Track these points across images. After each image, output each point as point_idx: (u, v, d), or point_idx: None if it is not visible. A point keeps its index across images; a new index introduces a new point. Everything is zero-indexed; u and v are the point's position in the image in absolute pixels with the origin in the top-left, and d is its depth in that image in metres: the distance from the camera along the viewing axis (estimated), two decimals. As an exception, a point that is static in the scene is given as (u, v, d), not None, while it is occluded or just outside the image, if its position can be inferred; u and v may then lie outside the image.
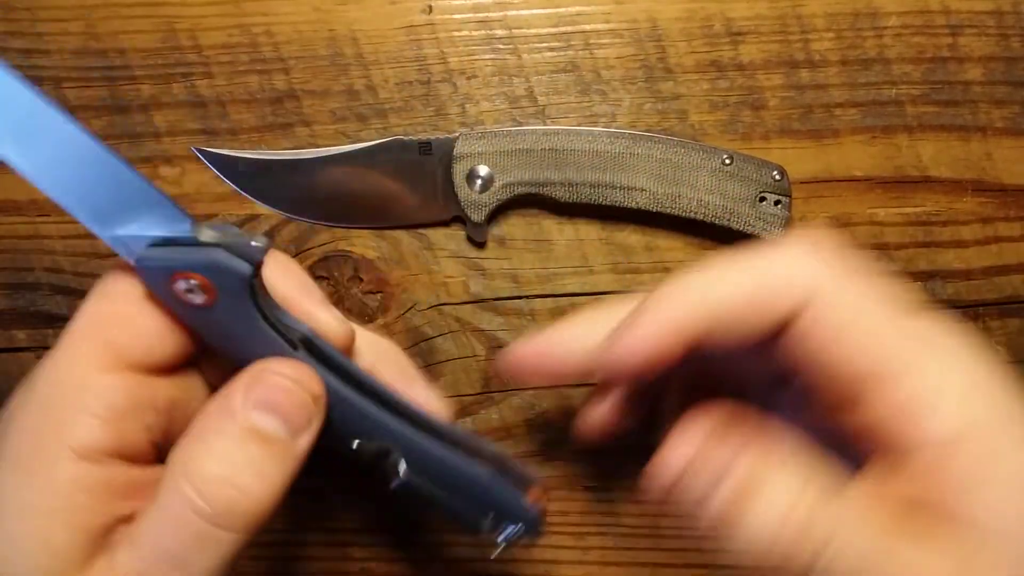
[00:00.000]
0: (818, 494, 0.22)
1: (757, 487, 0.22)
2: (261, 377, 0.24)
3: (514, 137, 0.34)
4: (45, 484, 0.22)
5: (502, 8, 0.35)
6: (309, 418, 0.24)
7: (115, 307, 0.24)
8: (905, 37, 0.35)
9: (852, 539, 0.21)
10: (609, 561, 0.37)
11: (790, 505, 0.21)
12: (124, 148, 0.36)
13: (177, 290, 0.23)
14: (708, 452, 0.23)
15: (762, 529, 0.21)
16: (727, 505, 0.22)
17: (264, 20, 0.35)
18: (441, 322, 0.36)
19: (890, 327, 0.22)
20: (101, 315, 0.24)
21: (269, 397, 0.23)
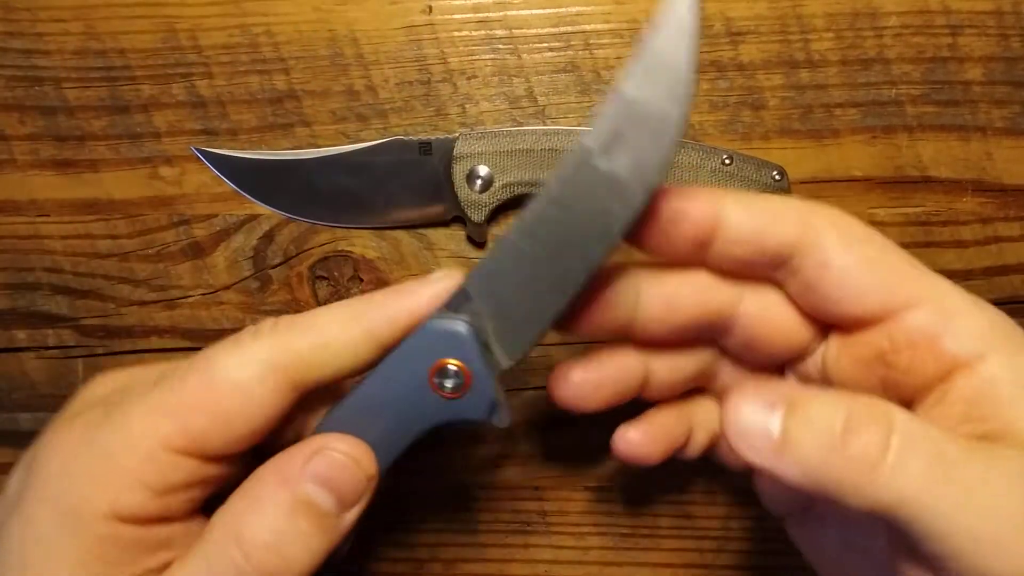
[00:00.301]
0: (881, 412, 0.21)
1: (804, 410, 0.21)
2: (322, 452, 0.24)
3: (514, 137, 0.34)
4: (80, 536, 0.23)
5: (502, 8, 0.35)
6: (359, 496, 0.25)
7: (215, 397, 0.24)
8: (905, 37, 0.35)
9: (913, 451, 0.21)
10: (609, 561, 0.37)
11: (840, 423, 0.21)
12: (124, 148, 0.36)
13: (431, 382, 0.24)
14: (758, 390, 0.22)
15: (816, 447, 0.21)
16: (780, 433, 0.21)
17: (264, 20, 0.35)
18: (441, 322, 0.36)
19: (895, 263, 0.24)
20: (197, 399, 0.24)
21: (327, 473, 0.24)
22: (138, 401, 0.24)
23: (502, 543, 0.37)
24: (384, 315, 0.25)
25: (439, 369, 0.24)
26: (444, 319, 0.24)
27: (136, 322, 0.36)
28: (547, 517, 0.37)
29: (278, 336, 0.24)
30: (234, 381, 0.24)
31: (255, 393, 0.24)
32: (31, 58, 0.36)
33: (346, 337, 0.25)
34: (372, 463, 0.25)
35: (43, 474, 0.24)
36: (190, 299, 0.36)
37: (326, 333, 0.25)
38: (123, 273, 0.36)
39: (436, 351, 0.24)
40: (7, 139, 0.36)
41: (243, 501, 0.24)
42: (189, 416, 0.23)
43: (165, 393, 0.24)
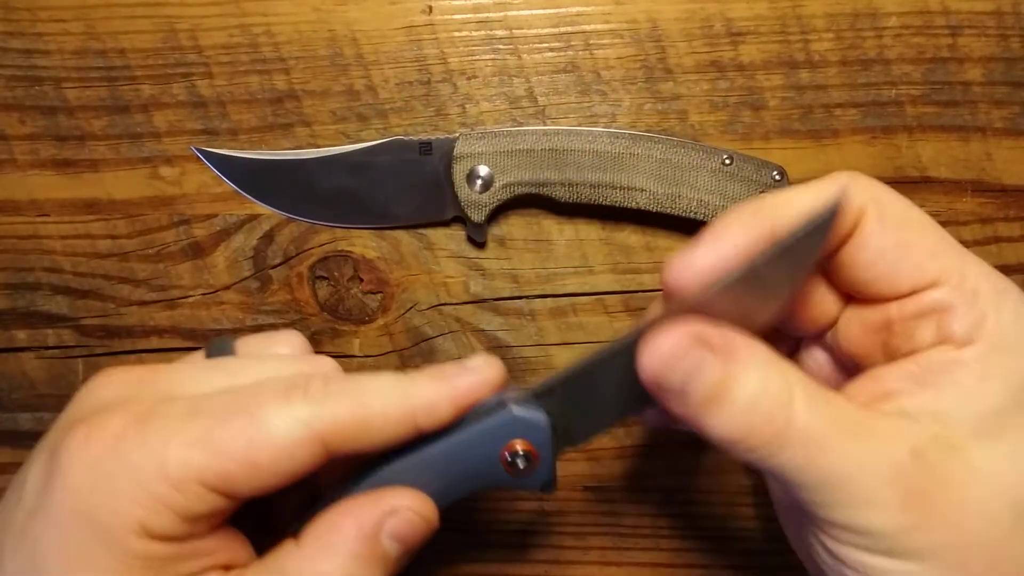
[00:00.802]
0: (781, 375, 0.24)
1: (731, 378, 0.23)
2: (399, 510, 0.26)
3: (514, 137, 0.34)
4: (114, 549, 0.24)
5: (502, 8, 0.35)
6: (419, 546, 0.27)
7: (255, 451, 0.25)
8: (905, 37, 0.35)
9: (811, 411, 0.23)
10: (609, 561, 0.37)
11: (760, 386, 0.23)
12: (124, 148, 0.36)
13: (502, 457, 0.27)
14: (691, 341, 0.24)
15: (736, 412, 0.23)
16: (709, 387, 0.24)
17: (264, 20, 0.35)
18: (441, 322, 0.36)
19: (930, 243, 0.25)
20: (238, 449, 0.24)
21: (403, 530, 0.26)
22: (176, 429, 0.25)
23: (502, 543, 0.37)
24: (427, 401, 0.26)
25: (512, 450, 0.27)
26: (527, 408, 0.27)
27: (136, 322, 0.36)
28: (547, 517, 0.37)
29: (328, 402, 0.25)
30: (275, 439, 0.25)
31: (292, 454, 0.25)
32: (31, 58, 0.36)
33: (388, 416, 0.26)
34: (436, 518, 0.27)
35: (70, 483, 0.24)
36: (190, 299, 0.36)
37: (371, 409, 0.26)
38: (123, 273, 0.36)
39: (514, 434, 0.27)
40: (7, 139, 0.36)
41: (319, 547, 0.25)
42: (225, 460, 0.24)
43: (206, 431, 0.25)
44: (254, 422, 0.25)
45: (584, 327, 0.36)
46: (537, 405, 0.27)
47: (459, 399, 0.26)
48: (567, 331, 0.36)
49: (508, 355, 0.36)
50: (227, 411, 0.25)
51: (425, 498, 0.27)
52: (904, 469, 0.23)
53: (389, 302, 0.36)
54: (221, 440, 0.24)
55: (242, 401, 0.25)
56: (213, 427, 0.25)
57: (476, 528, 0.37)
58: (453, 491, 0.28)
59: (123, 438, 0.24)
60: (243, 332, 0.36)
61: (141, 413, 0.25)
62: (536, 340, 0.36)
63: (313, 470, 0.26)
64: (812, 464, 0.23)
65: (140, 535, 0.24)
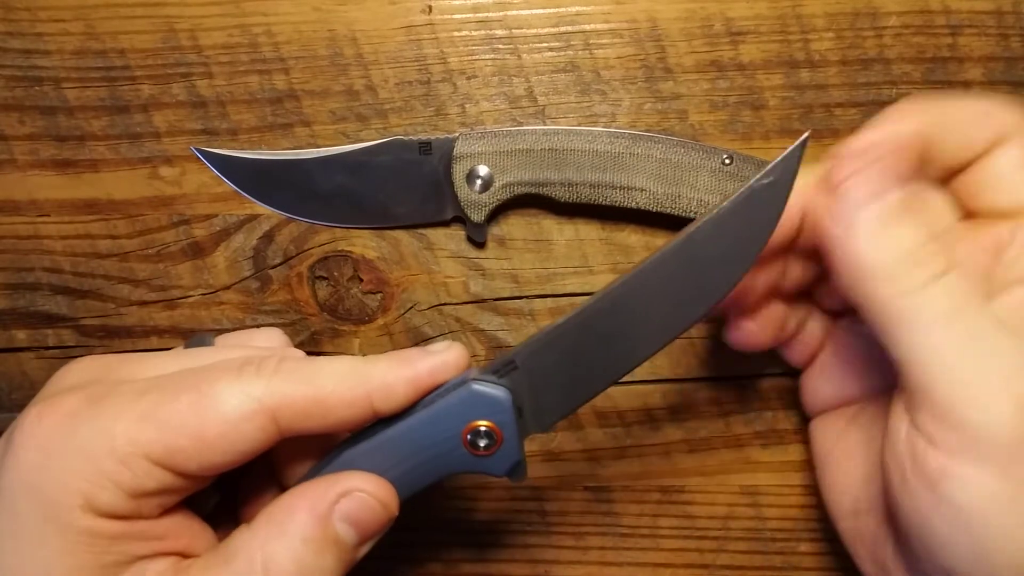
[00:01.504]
0: (947, 243, 0.25)
1: (899, 215, 0.25)
2: (353, 494, 0.26)
3: (514, 137, 0.34)
4: (62, 526, 0.23)
5: (502, 8, 0.35)
6: (377, 534, 0.27)
7: (204, 425, 0.24)
8: (905, 37, 0.35)
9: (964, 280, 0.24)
10: (609, 561, 0.37)
11: (935, 229, 0.25)
12: (124, 148, 0.36)
13: (463, 437, 0.26)
14: (887, 160, 0.25)
15: (905, 240, 0.24)
16: (888, 209, 0.24)
17: (264, 20, 0.35)
18: (441, 322, 0.36)
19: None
20: (185, 423, 0.24)
21: (357, 514, 0.26)
22: (126, 405, 0.24)
23: (502, 543, 0.37)
24: (384, 382, 0.26)
25: (474, 429, 0.26)
26: (487, 384, 0.26)
27: (136, 322, 0.36)
28: (547, 517, 0.37)
29: (278, 379, 0.25)
30: (224, 413, 0.24)
31: (241, 429, 0.24)
32: (31, 58, 0.36)
33: (343, 396, 0.25)
34: (396, 505, 0.27)
35: (21, 460, 0.24)
36: (190, 299, 0.36)
37: (325, 388, 0.25)
38: (123, 273, 0.36)
39: (475, 412, 0.26)
40: (7, 139, 0.36)
41: (270, 529, 0.25)
42: (173, 434, 0.24)
43: (155, 405, 0.24)
44: (203, 396, 0.24)
45: (584, 327, 0.36)
46: (497, 381, 0.26)
47: (417, 380, 0.26)
48: (567, 331, 0.36)
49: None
50: (177, 388, 0.25)
51: (382, 482, 0.26)
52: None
53: (389, 302, 0.36)
54: (169, 414, 0.24)
55: (194, 378, 0.25)
56: (162, 402, 0.24)
57: (476, 528, 0.37)
58: (416, 476, 0.27)
59: (74, 416, 0.24)
60: (243, 332, 0.36)
61: (94, 393, 0.25)
62: (536, 340, 0.36)
63: (264, 449, 0.25)
64: (953, 324, 0.23)
65: (86, 511, 0.23)
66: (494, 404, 0.26)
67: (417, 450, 0.27)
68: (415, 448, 0.27)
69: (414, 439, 0.26)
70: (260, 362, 0.25)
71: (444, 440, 0.26)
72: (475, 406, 0.26)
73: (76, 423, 0.24)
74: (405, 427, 0.26)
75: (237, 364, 0.25)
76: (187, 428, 0.24)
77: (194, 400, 0.24)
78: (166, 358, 0.28)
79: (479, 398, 0.26)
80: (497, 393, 0.26)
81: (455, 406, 0.26)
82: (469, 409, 0.26)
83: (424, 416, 0.26)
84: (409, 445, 0.26)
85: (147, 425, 0.24)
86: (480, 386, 0.26)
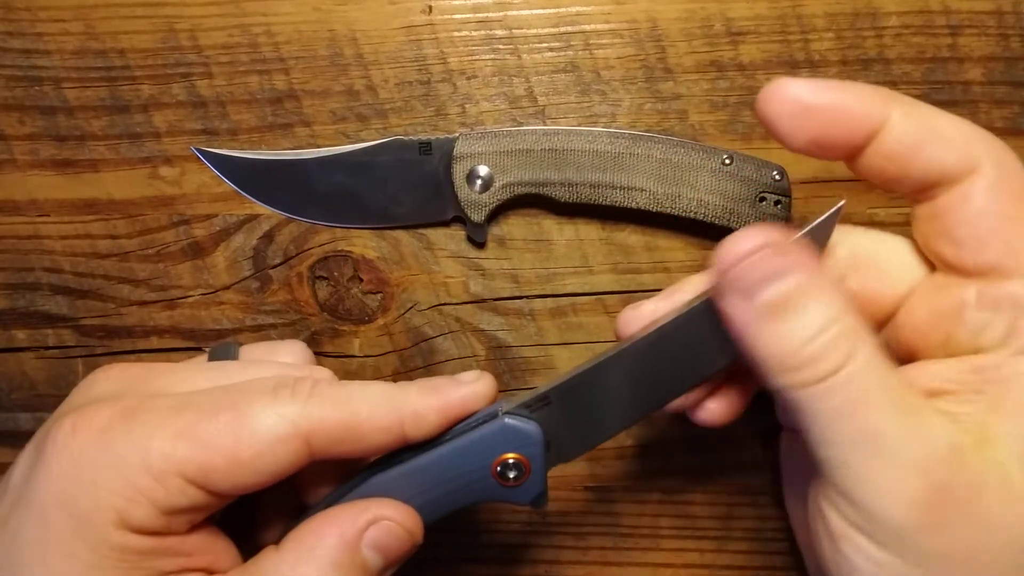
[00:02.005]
0: (854, 323, 0.23)
1: (806, 296, 0.23)
2: (382, 523, 0.26)
3: (514, 137, 0.34)
4: (94, 541, 0.24)
5: (502, 8, 0.35)
6: (401, 561, 0.27)
7: (238, 446, 0.25)
8: (905, 37, 0.35)
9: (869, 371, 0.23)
10: (609, 561, 0.37)
11: (830, 320, 0.23)
12: (124, 148, 0.36)
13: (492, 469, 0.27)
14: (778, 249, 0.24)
15: (796, 333, 0.23)
16: (775, 300, 0.23)
17: (264, 20, 0.35)
18: (441, 322, 0.36)
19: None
20: (220, 443, 0.24)
21: (385, 542, 0.26)
22: (161, 422, 0.25)
23: (502, 543, 0.37)
24: (415, 410, 0.26)
25: (504, 461, 0.27)
26: (520, 419, 0.27)
27: (136, 322, 0.36)
28: (547, 517, 0.37)
29: (313, 402, 0.25)
30: (260, 435, 0.25)
31: (275, 451, 0.25)
32: (31, 58, 0.36)
33: (376, 423, 0.26)
34: (421, 532, 0.27)
35: (54, 472, 0.24)
36: (190, 299, 0.36)
37: (359, 414, 0.26)
38: (123, 273, 0.36)
39: (507, 446, 0.27)
40: (7, 139, 0.36)
41: (300, 553, 0.25)
42: (208, 453, 0.24)
43: (191, 424, 0.25)
44: (239, 417, 0.25)
45: (584, 327, 0.36)
46: (530, 415, 0.27)
47: (448, 409, 0.26)
48: (567, 331, 0.36)
49: (508, 355, 0.36)
50: (213, 406, 0.25)
51: (410, 511, 0.27)
52: (940, 461, 0.22)
53: (389, 302, 0.36)
54: (205, 433, 0.24)
55: (229, 397, 0.25)
56: (198, 420, 0.25)
57: (476, 528, 0.37)
58: (442, 504, 0.28)
59: (108, 430, 0.24)
60: (243, 332, 0.36)
61: (129, 407, 0.25)
62: (536, 340, 0.36)
63: (295, 470, 0.25)
64: (850, 419, 0.22)
65: (118, 526, 0.24)
66: (526, 438, 0.27)
67: (446, 479, 0.27)
68: (444, 477, 0.27)
69: (444, 468, 0.27)
70: (295, 384, 0.26)
71: (474, 471, 0.27)
72: (507, 440, 0.27)
73: (111, 437, 0.24)
74: (436, 456, 0.27)
75: (272, 385, 0.26)
76: (223, 448, 0.24)
77: (230, 420, 0.25)
78: (196, 372, 0.28)
79: (512, 432, 0.27)
80: (529, 428, 0.27)
81: (487, 438, 0.27)
82: (501, 442, 0.27)
83: (456, 446, 0.27)
84: (439, 474, 0.27)
85: (182, 443, 0.24)
86: (513, 420, 0.27)
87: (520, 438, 0.27)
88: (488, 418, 0.27)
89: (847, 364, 0.22)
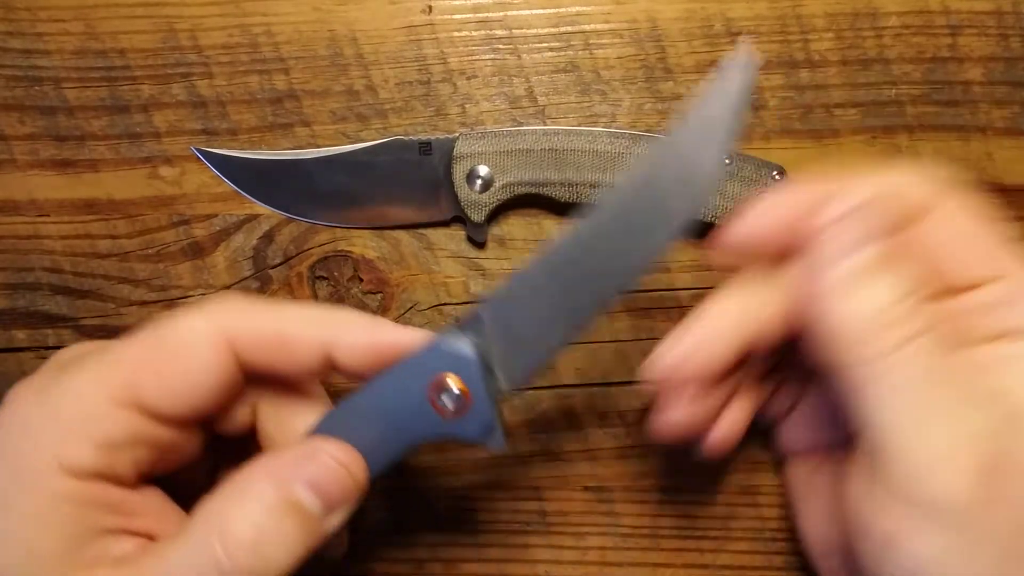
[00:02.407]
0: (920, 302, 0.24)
1: (876, 271, 0.23)
2: (315, 456, 0.25)
3: (514, 137, 0.34)
4: (33, 491, 0.23)
5: (502, 8, 0.35)
6: (346, 502, 0.25)
7: (161, 354, 0.24)
8: (905, 37, 0.35)
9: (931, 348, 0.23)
10: (609, 561, 0.37)
11: (906, 292, 0.23)
12: (124, 148, 0.36)
13: (430, 397, 0.25)
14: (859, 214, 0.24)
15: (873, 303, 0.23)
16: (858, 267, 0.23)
17: (264, 20, 0.35)
18: (441, 322, 0.36)
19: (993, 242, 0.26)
20: (144, 356, 0.24)
21: (318, 478, 0.24)
22: (90, 363, 0.24)
23: (502, 543, 0.37)
24: (347, 332, 0.25)
25: (438, 386, 0.25)
26: (450, 338, 0.25)
27: (136, 322, 0.36)
28: (547, 517, 0.37)
29: (237, 310, 0.25)
30: (182, 338, 0.24)
31: (200, 354, 0.24)
32: (31, 58, 0.36)
33: (304, 339, 0.25)
34: (363, 471, 0.25)
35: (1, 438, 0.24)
36: (190, 299, 0.36)
37: (285, 326, 0.25)
38: (123, 273, 0.36)
39: (438, 367, 0.25)
40: (7, 139, 0.36)
41: (230, 495, 0.24)
42: (134, 370, 0.24)
43: (116, 349, 0.24)
44: (162, 327, 0.24)
45: (584, 327, 0.36)
46: (463, 336, 0.25)
47: (379, 345, 0.25)
48: (567, 331, 0.36)
49: (508, 355, 0.36)
50: (141, 330, 0.25)
51: (347, 447, 0.25)
52: (995, 432, 0.22)
53: (389, 302, 0.36)
54: (129, 352, 0.24)
55: (158, 320, 0.25)
56: (124, 345, 0.24)
57: (476, 528, 0.37)
58: (388, 444, 0.26)
59: (44, 387, 0.24)
60: (243, 332, 0.36)
61: (62, 362, 0.25)
62: (536, 340, 0.36)
63: (230, 384, 0.25)
64: (911, 393, 0.22)
65: (58, 472, 0.23)
66: (458, 357, 0.25)
67: (384, 413, 0.26)
68: (382, 410, 0.26)
69: (380, 400, 0.26)
70: (224, 297, 0.26)
71: (410, 400, 0.25)
72: (439, 359, 0.25)
73: (47, 391, 0.24)
74: (370, 389, 0.26)
75: (200, 304, 0.25)
76: (147, 362, 0.24)
77: (152, 334, 0.24)
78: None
79: (442, 351, 0.25)
80: (461, 345, 0.25)
81: (417, 360, 0.25)
82: (433, 362, 0.25)
83: (388, 374, 0.25)
84: (375, 407, 0.26)
85: (106, 368, 0.24)
86: (444, 342, 0.25)
87: (452, 357, 0.25)
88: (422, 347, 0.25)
89: (925, 331, 0.23)
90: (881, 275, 0.23)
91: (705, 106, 0.25)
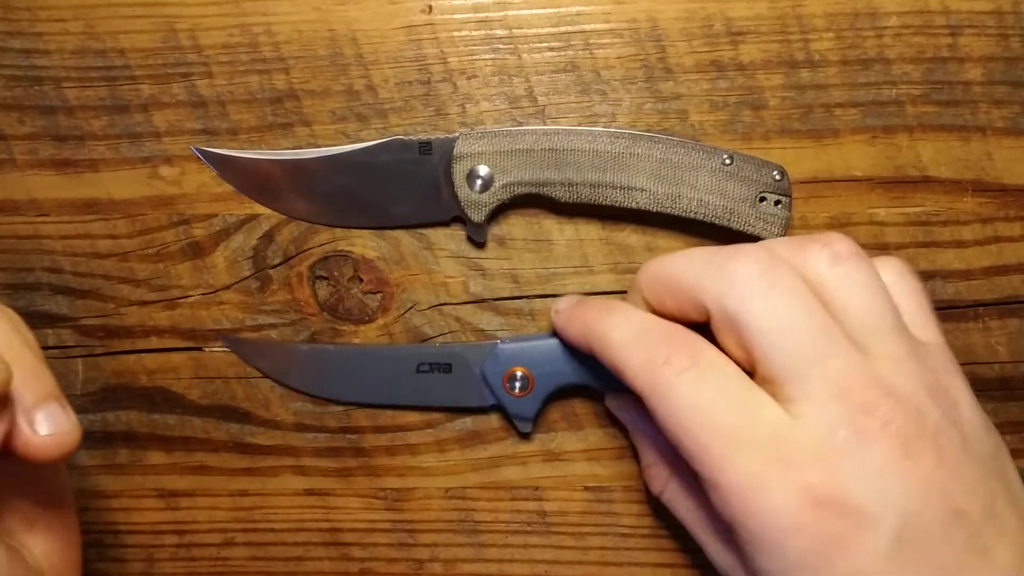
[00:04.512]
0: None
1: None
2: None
3: (514, 137, 0.34)
4: None
5: (502, 8, 0.35)
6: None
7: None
8: (905, 37, 0.35)
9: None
10: (609, 561, 0.37)
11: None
12: (124, 148, 0.36)
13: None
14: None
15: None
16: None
17: (264, 20, 0.35)
18: (441, 322, 0.36)
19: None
20: None
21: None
22: None
23: (502, 543, 0.37)
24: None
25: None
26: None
27: (136, 322, 0.36)
28: (547, 517, 0.37)
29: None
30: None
31: None
32: (31, 58, 0.36)
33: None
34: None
35: None
36: (190, 299, 0.36)
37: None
38: (123, 273, 0.36)
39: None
40: (7, 139, 0.36)
41: None
42: None
43: None
44: None
45: (584, 327, 0.36)
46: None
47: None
48: (567, 331, 0.36)
49: (508, 355, 0.36)
50: None
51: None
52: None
53: (389, 302, 0.36)
54: None
55: None
56: None
57: (476, 528, 0.37)
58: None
59: None
60: (243, 332, 0.36)
61: None
62: (536, 340, 0.36)
63: None
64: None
65: None
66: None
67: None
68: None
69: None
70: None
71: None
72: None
73: None
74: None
75: None
76: None
77: None
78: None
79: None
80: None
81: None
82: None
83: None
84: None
85: None
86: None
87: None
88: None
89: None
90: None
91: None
